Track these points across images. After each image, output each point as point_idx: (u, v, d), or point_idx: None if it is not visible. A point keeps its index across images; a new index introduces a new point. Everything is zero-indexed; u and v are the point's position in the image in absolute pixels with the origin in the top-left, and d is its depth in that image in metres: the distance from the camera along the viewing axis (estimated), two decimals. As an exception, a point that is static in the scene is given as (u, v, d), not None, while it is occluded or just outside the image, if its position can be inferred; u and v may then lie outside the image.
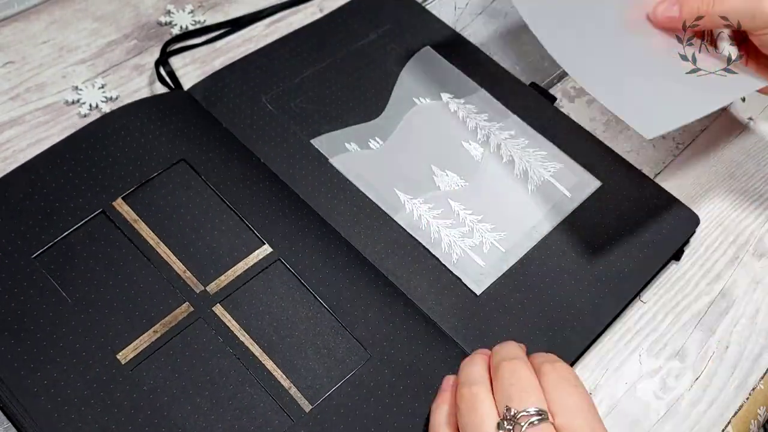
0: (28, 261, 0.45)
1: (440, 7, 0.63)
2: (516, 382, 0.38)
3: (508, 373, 0.38)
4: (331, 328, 0.46)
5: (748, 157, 0.58)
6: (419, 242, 0.50)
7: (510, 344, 0.42)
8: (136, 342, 0.43)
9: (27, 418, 0.40)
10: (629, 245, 0.51)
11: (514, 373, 0.38)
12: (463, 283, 0.49)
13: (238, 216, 0.49)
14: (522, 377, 0.38)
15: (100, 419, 0.41)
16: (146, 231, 0.47)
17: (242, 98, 0.55)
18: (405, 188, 0.52)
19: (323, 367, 0.44)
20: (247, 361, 0.44)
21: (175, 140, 0.51)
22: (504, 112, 0.57)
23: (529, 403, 0.37)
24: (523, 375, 0.38)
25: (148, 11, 0.60)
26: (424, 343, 0.46)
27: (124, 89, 0.56)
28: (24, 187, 0.47)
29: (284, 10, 0.62)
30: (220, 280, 0.46)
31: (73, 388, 0.41)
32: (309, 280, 0.47)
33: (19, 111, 0.54)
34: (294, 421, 0.42)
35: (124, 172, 0.49)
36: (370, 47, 0.59)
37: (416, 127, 0.55)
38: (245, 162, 0.51)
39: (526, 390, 0.37)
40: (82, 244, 0.46)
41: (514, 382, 0.38)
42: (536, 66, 0.61)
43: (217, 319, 0.45)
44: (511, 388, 0.37)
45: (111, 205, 0.48)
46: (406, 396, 0.44)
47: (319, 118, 0.55)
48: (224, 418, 0.42)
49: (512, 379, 0.38)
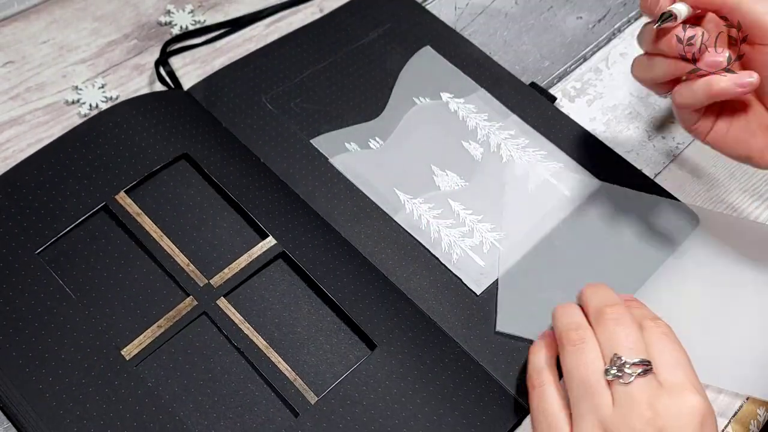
0: (31, 257, 0.45)
1: (440, 7, 0.63)
2: (621, 331, 0.39)
3: (613, 321, 0.39)
4: (336, 320, 0.46)
5: (748, 157, 0.58)
6: (419, 242, 0.50)
7: (603, 288, 0.43)
8: (141, 337, 0.44)
9: (31, 415, 0.40)
10: (629, 245, 0.51)
11: (619, 322, 0.39)
12: (463, 283, 0.49)
13: (242, 209, 0.49)
14: (627, 326, 0.39)
15: (104, 415, 0.41)
16: (149, 224, 0.47)
17: (242, 98, 0.55)
18: (405, 188, 0.52)
19: (328, 360, 0.45)
20: (251, 355, 0.44)
21: (176, 135, 0.51)
22: (504, 112, 0.57)
23: (635, 353, 0.38)
24: (627, 324, 0.39)
25: (148, 11, 0.60)
26: (426, 339, 0.46)
27: (124, 89, 0.56)
28: (26, 182, 0.48)
29: (284, 10, 0.62)
30: (224, 273, 0.46)
31: (77, 384, 0.41)
32: (313, 272, 0.47)
33: (19, 111, 0.54)
34: (300, 413, 0.42)
35: (126, 166, 0.49)
36: (370, 47, 0.59)
37: (416, 127, 0.55)
38: (246, 161, 0.51)
39: (631, 340, 0.38)
40: (86, 239, 0.46)
41: (620, 331, 0.39)
42: (536, 66, 0.61)
43: (221, 312, 0.45)
44: (617, 336, 0.39)
45: (113, 198, 0.48)
46: (410, 388, 0.44)
47: (319, 118, 0.55)
48: (228, 414, 0.42)
49: (617, 328, 0.39)
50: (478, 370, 0.45)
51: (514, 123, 0.56)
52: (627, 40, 0.63)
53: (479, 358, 0.46)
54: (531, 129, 0.56)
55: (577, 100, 0.60)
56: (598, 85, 0.60)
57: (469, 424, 0.43)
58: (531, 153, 0.55)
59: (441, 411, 0.43)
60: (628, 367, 0.37)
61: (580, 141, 0.56)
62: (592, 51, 0.62)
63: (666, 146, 0.58)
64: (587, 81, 0.61)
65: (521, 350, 0.47)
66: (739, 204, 0.56)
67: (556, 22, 0.64)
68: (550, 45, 0.62)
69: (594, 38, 0.63)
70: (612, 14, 0.65)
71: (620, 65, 0.62)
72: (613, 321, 0.39)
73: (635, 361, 0.37)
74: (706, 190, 0.56)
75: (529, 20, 0.64)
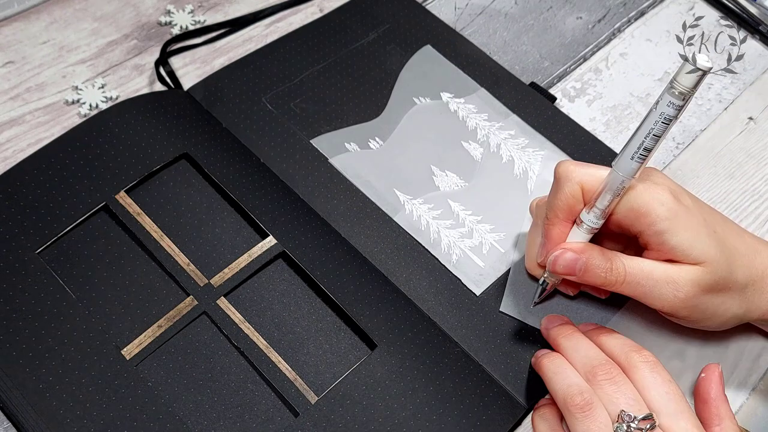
0: (31, 257, 0.45)
1: (440, 7, 0.64)
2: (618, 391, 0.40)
3: (608, 382, 0.40)
4: (336, 320, 0.46)
5: (748, 157, 0.58)
6: (419, 243, 0.50)
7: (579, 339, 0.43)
8: (141, 337, 0.44)
9: (31, 414, 0.40)
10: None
11: (614, 381, 0.40)
12: (463, 284, 0.49)
13: (242, 209, 0.49)
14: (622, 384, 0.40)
15: (104, 415, 0.41)
16: (149, 224, 0.47)
17: (242, 98, 0.55)
18: (405, 188, 0.52)
19: (328, 360, 0.45)
20: (251, 354, 0.44)
21: (176, 135, 0.51)
22: (504, 112, 0.57)
23: (637, 410, 0.39)
24: (622, 383, 0.40)
25: (148, 11, 0.60)
26: (426, 339, 0.46)
27: (124, 89, 0.56)
28: (26, 182, 0.48)
29: (284, 10, 0.62)
30: (224, 273, 0.46)
31: (77, 384, 0.41)
32: (314, 272, 0.47)
33: (19, 111, 0.54)
34: (300, 413, 0.42)
35: (127, 165, 0.49)
36: (370, 47, 0.59)
37: (416, 127, 0.55)
38: (246, 161, 0.51)
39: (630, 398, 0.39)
40: (86, 239, 0.46)
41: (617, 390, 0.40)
42: (536, 66, 0.61)
43: (222, 312, 0.45)
44: (616, 397, 0.39)
45: (114, 198, 0.48)
46: (410, 388, 0.44)
47: (319, 118, 0.55)
48: (228, 414, 0.42)
49: (612, 387, 0.40)
50: (478, 370, 0.45)
51: (514, 123, 0.56)
52: (627, 40, 0.63)
53: (479, 358, 0.46)
54: (531, 129, 0.56)
55: (577, 100, 0.60)
56: (597, 85, 0.61)
57: (469, 424, 0.43)
58: (531, 153, 0.55)
59: (441, 411, 0.43)
60: (635, 425, 0.38)
61: (580, 141, 0.56)
62: (592, 51, 0.62)
63: (666, 146, 0.58)
64: (587, 81, 0.61)
65: (521, 350, 0.47)
66: (740, 204, 0.56)
67: (556, 22, 0.64)
68: (549, 45, 0.62)
69: (594, 38, 0.63)
70: (612, 14, 0.65)
71: (620, 65, 0.62)
72: (608, 382, 0.40)
73: (641, 417, 0.38)
74: (706, 190, 0.56)
75: (529, 20, 0.64)
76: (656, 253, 0.43)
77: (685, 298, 0.42)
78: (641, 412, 0.39)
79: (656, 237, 0.42)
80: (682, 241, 0.41)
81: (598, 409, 0.39)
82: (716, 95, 0.61)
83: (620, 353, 0.42)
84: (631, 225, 0.43)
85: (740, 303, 0.44)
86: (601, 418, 0.39)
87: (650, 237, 0.42)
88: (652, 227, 0.42)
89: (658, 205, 0.42)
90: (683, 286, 0.42)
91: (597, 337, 0.44)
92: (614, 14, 0.65)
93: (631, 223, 0.43)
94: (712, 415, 0.42)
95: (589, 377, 0.41)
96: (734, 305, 0.44)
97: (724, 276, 0.42)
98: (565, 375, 0.41)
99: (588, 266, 0.42)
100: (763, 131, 0.60)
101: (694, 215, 0.42)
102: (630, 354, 0.41)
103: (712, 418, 0.42)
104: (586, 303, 0.49)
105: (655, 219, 0.41)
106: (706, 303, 0.43)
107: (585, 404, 0.39)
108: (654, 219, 0.42)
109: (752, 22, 0.64)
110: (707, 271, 0.42)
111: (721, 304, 0.43)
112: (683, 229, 0.42)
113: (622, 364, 0.41)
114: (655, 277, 0.42)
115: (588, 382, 0.40)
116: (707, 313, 0.43)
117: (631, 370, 0.41)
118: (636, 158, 0.40)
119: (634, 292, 0.43)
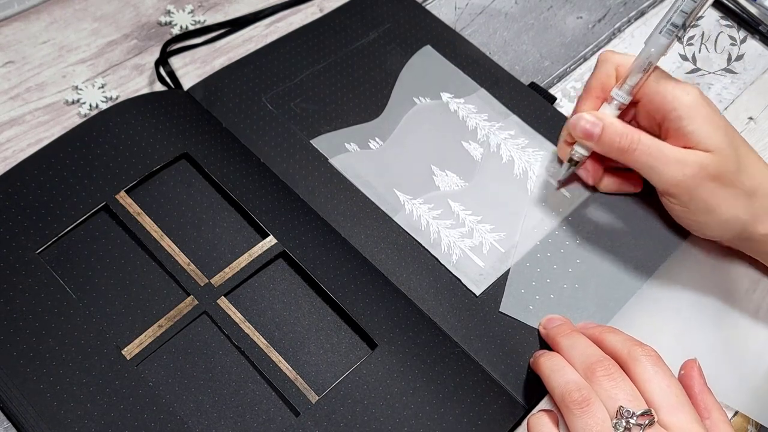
0: (32, 257, 0.45)
1: (440, 7, 0.64)
2: (617, 386, 0.40)
3: (606, 378, 0.40)
4: (336, 320, 0.46)
5: (748, 157, 0.58)
6: (419, 243, 0.50)
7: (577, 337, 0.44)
8: (141, 337, 0.44)
9: (31, 414, 0.40)
10: (629, 245, 0.51)
11: (612, 377, 0.40)
12: (463, 284, 0.49)
13: (243, 208, 0.49)
14: (620, 380, 0.40)
15: (105, 415, 0.41)
16: (150, 224, 0.47)
17: (242, 98, 0.55)
18: (405, 188, 0.52)
19: (329, 359, 0.45)
20: (252, 354, 0.44)
21: (176, 135, 0.51)
22: (504, 112, 0.57)
23: (635, 406, 0.39)
24: (620, 378, 0.40)
25: (148, 11, 0.60)
26: (426, 339, 0.46)
27: (124, 89, 0.56)
28: (26, 182, 0.48)
29: (284, 10, 0.62)
30: (224, 273, 0.46)
31: (77, 383, 0.41)
32: (314, 272, 0.47)
33: (19, 111, 0.54)
34: (300, 412, 0.42)
35: (127, 165, 0.49)
36: (370, 47, 0.59)
37: (416, 127, 0.55)
38: (246, 161, 0.51)
39: (629, 393, 0.39)
40: (86, 239, 0.46)
41: (615, 386, 0.40)
42: (536, 66, 0.61)
43: (222, 311, 0.45)
44: (615, 392, 0.39)
45: (114, 198, 0.48)
46: (410, 388, 0.44)
47: (319, 118, 0.55)
48: (229, 413, 0.42)
49: (611, 384, 0.40)
50: (478, 370, 0.45)
51: (514, 123, 0.56)
52: (627, 40, 0.63)
53: (479, 358, 0.46)
54: (531, 129, 0.56)
55: (577, 100, 0.60)
56: (597, 85, 0.60)
57: (469, 424, 0.43)
58: (531, 153, 0.55)
59: (441, 411, 0.43)
60: (634, 420, 0.38)
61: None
62: (592, 51, 0.62)
63: (666, 146, 0.58)
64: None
65: (521, 350, 0.47)
66: (739, 204, 0.56)
67: (556, 22, 0.64)
68: (549, 45, 0.62)
69: (594, 38, 0.63)
70: (612, 14, 0.65)
71: (620, 65, 0.62)
72: (606, 378, 0.40)
73: (640, 413, 0.38)
74: (705, 190, 0.56)
75: (529, 20, 0.64)
76: (673, 140, 0.46)
77: (689, 176, 0.45)
78: (640, 407, 0.39)
79: (676, 122, 0.46)
80: (698, 128, 0.45)
81: (597, 405, 0.39)
82: (716, 95, 0.61)
83: (622, 348, 0.42)
84: (656, 110, 0.47)
85: (746, 208, 0.46)
86: (599, 414, 0.39)
87: (671, 122, 0.46)
88: (674, 112, 0.46)
89: (684, 94, 0.46)
90: (690, 165, 0.45)
91: (598, 335, 0.44)
92: (614, 14, 0.65)
93: (657, 108, 0.47)
94: (700, 410, 0.42)
95: (588, 374, 0.41)
96: (739, 207, 0.46)
97: (731, 170, 0.45)
98: (563, 372, 0.41)
99: (605, 129, 0.47)
100: (763, 131, 0.60)
101: (716, 115, 0.46)
102: (632, 348, 0.42)
103: (700, 412, 0.42)
104: (586, 303, 0.49)
105: (679, 105, 0.46)
106: (709, 191, 0.45)
107: (583, 400, 0.39)
108: (678, 105, 0.46)
109: (752, 22, 0.64)
110: (715, 159, 0.45)
111: (723, 199, 0.46)
112: (702, 120, 0.45)
113: (624, 358, 0.41)
114: (665, 152, 0.45)
115: (586, 379, 0.41)
116: (709, 203, 0.46)
117: (632, 363, 0.41)
118: (664, 32, 0.45)
119: (644, 163, 0.46)
